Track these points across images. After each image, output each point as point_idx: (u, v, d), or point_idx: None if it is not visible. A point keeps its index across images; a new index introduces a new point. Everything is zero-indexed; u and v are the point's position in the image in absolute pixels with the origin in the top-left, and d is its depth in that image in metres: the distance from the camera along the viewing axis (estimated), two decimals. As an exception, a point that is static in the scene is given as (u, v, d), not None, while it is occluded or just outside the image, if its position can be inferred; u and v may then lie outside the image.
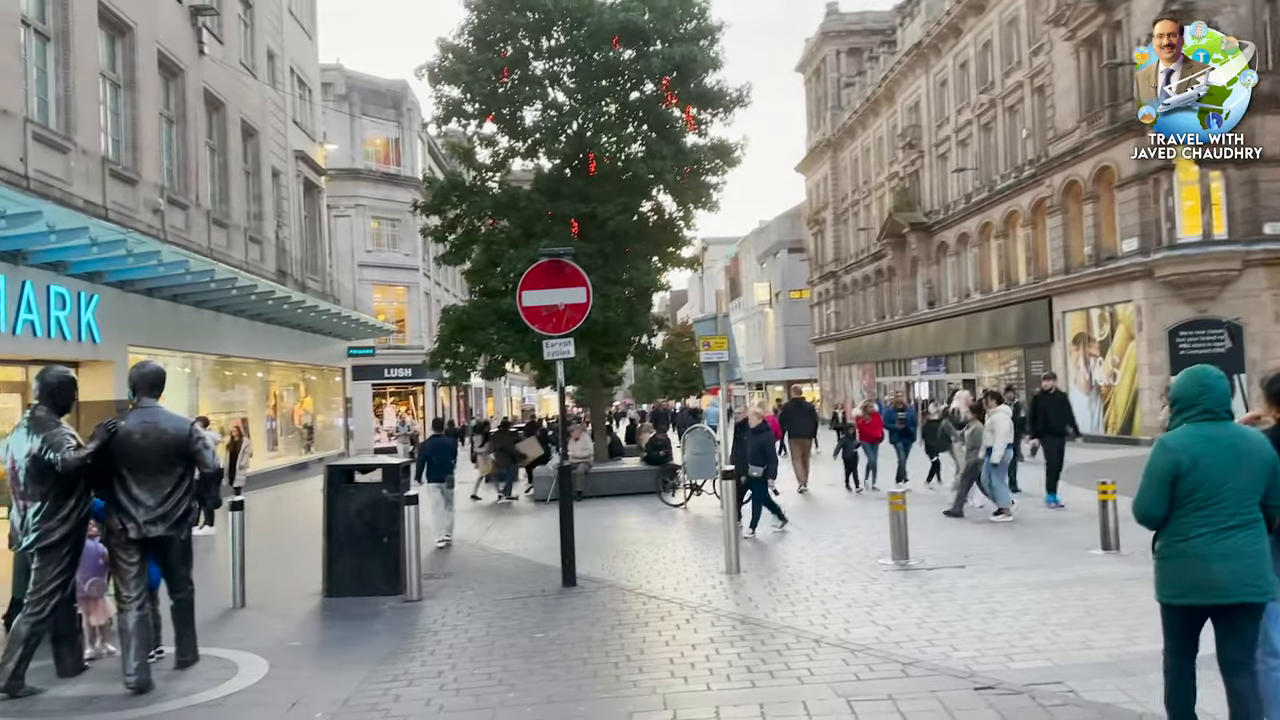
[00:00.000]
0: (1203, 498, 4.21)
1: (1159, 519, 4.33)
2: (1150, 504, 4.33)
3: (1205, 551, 4.19)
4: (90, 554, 7.12)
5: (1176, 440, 4.33)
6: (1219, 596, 4.20)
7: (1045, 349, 30.08)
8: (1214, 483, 4.20)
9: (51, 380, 6.77)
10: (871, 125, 46.90)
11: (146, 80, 18.43)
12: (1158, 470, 4.31)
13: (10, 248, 12.60)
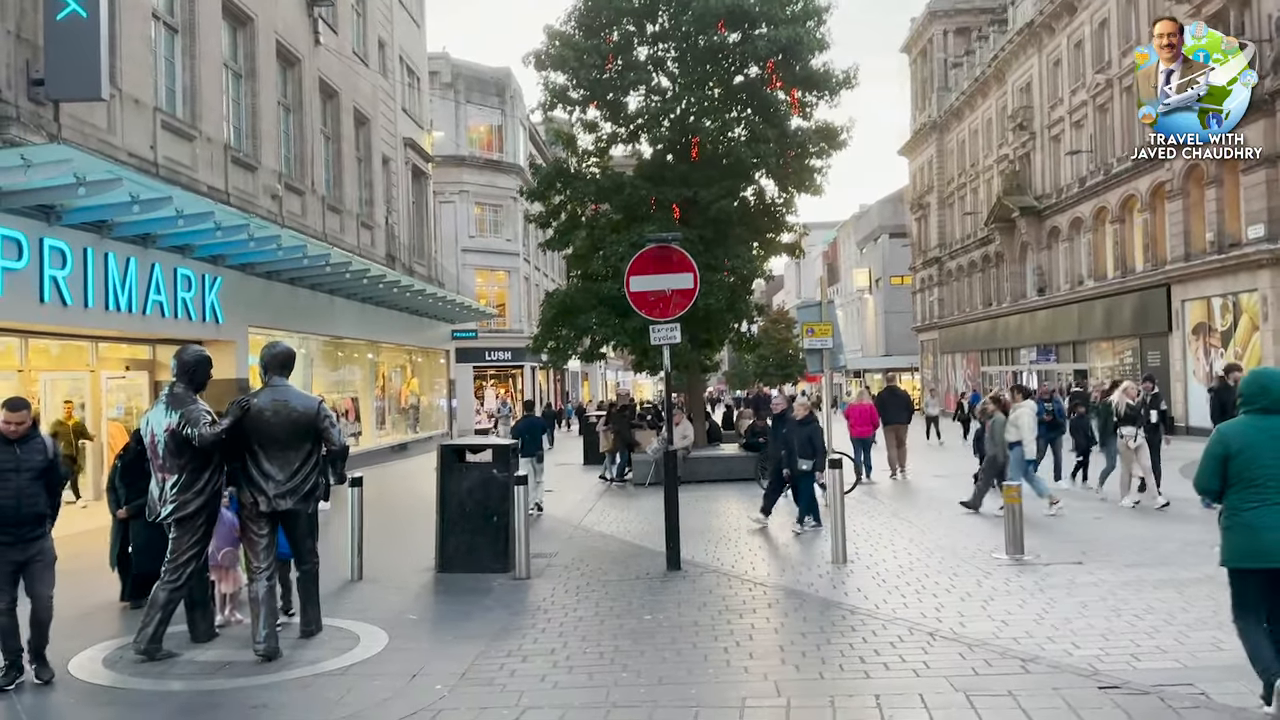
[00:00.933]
0: (1250, 477, 4.99)
1: (1214, 492, 5.20)
2: (1205, 480, 5.21)
3: (1255, 523, 4.96)
4: (224, 525, 7.45)
5: (1230, 429, 5.16)
6: (1268, 562, 4.92)
7: (1162, 339, 28.86)
8: (1261, 464, 4.97)
9: (189, 359, 7.10)
10: (980, 106, 45.56)
11: (265, 70, 19.09)
12: (1211, 452, 5.15)
13: (141, 231, 13.23)
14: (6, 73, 11.46)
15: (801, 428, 11.94)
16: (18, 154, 9.72)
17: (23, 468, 6.15)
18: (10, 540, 6.07)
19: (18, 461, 6.14)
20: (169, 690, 6.17)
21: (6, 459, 6.11)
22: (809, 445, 11.78)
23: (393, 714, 5.56)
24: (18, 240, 11.12)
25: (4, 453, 6.12)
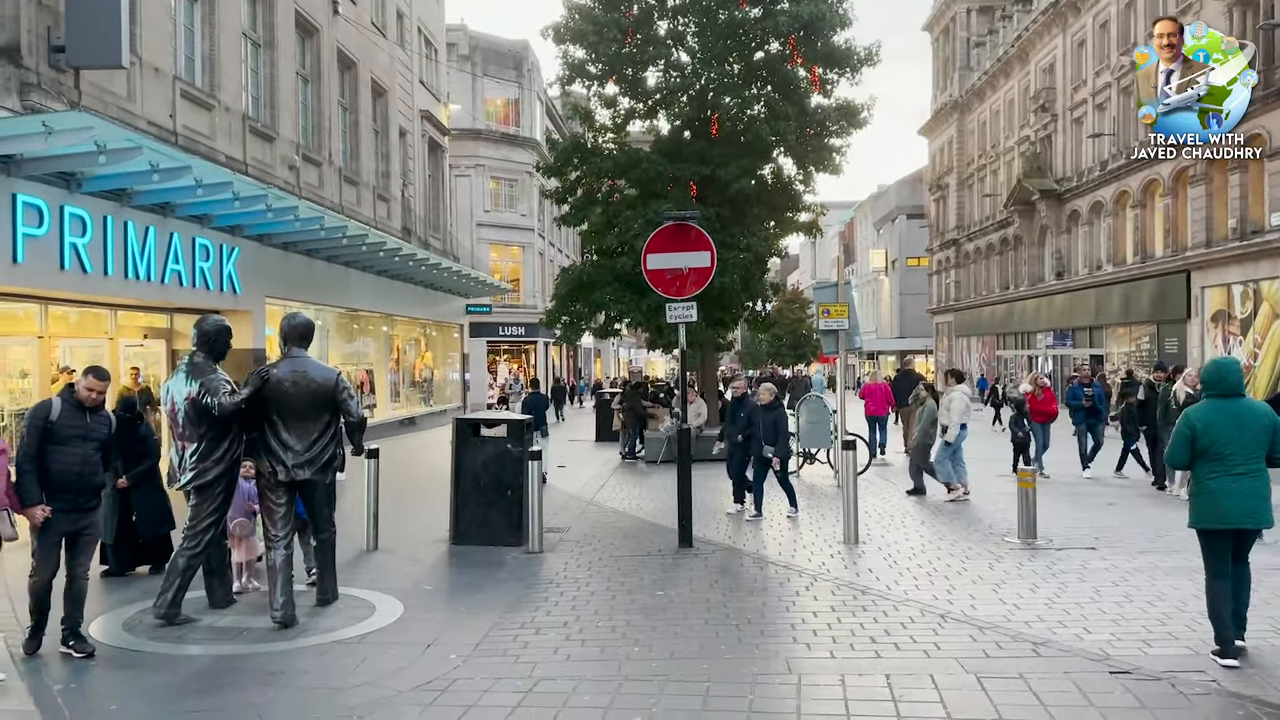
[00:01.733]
0: (1214, 452, 5.86)
1: (1183, 464, 6.08)
2: (1175, 455, 6.11)
3: (1217, 490, 5.85)
4: (239, 495, 7.53)
5: (1195, 412, 6.04)
6: (1226, 523, 5.86)
7: (1181, 326, 28.66)
8: (1222, 441, 5.84)
9: (209, 329, 7.15)
10: (1002, 87, 45.10)
11: (284, 39, 19.06)
12: (1180, 432, 6.04)
13: (160, 200, 13.28)
14: (28, 39, 11.49)
15: (767, 413, 11.35)
16: (39, 121, 9.75)
17: (90, 436, 6.15)
18: (67, 508, 6.03)
19: (86, 429, 6.13)
20: (187, 654, 6.25)
21: (77, 426, 6.10)
22: (773, 431, 11.23)
23: (408, 682, 5.63)
24: (39, 207, 11.18)
25: (76, 419, 6.11)
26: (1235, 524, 5.84)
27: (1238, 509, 5.82)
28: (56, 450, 6.00)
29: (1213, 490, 5.86)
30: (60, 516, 6.02)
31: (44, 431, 5.99)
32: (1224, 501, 5.83)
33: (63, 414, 6.07)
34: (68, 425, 6.06)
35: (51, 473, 5.97)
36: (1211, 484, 5.88)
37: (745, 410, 11.60)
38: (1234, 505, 5.81)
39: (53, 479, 5.97)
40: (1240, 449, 5.83)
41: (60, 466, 6.01)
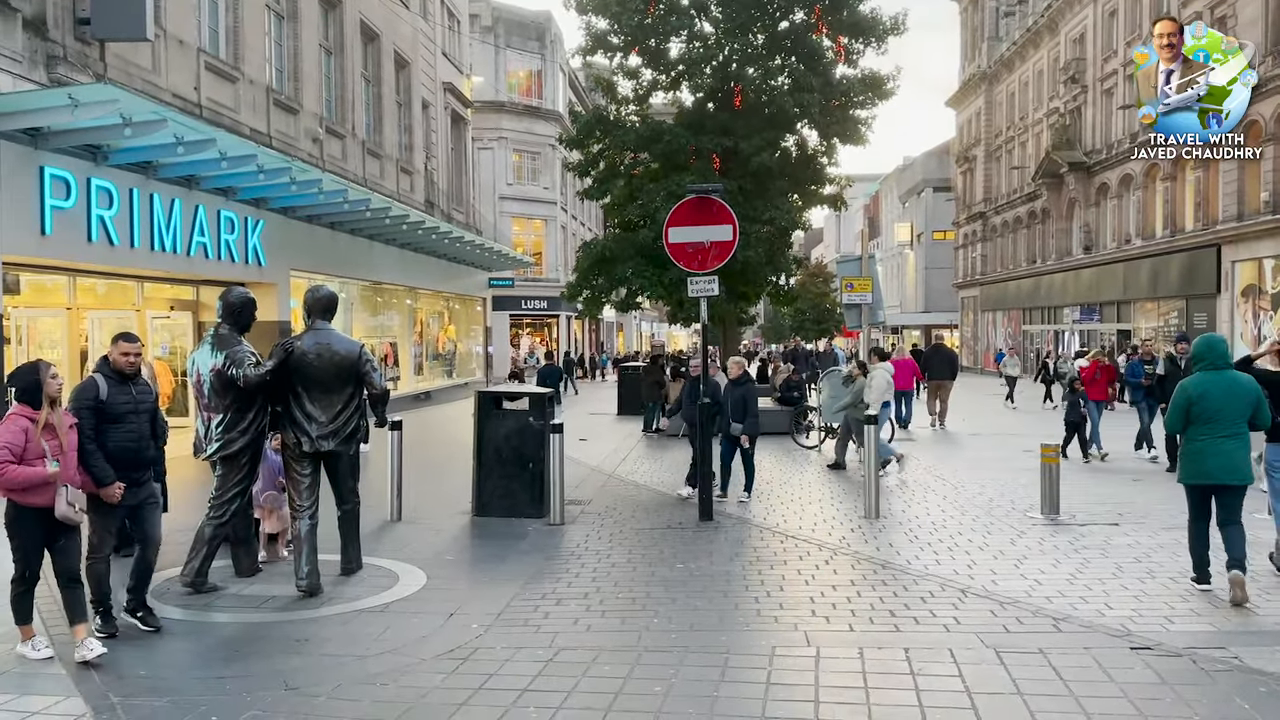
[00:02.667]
0: (1205, 418, 6.65)
1: (1179, 429, 6.87)
2: (1173, 422, 6.89)
3: (1204, 450, 6.66)
4: (270, 468, 7.63)
5: (1191, 383, 6.85)
6: (1212, 479, 6.67)
7: (1210, 301, 28.27)
8: (1213, 409, 6.63)
9: (234, 300, 7.20)
10: (1031, 58, 44.40)
11: (307, 11, 19.05)
12: (1178, 400, 6.84)
13: (185, 173, 13.37)
14: (54, 11, 11.55)
15: (735, 389, 10.78)
16: (65, 93, 9.82)
17: (140, 408, 6.03)
18: (127, 484, 5.90)
19: (135, 402, 6.00)
20: (213, 622, 6.36)
21: (125, 399, 5.95)
22: (741, 408, 10.65)
23: (431, 651, 5.70)
24: (66, 179, 11.28)
25: (122, 392, 5.95)
26: (1218, 480, 6.67)
27: (1220, 467, 6.63)
28: (112, 428, 5.86)
29: (1200, 450, 6.69)
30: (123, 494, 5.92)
31: (96, 411, 5.82)
32: (1210, 461, 6.65)
33: (110, 390, 5.91)
34: (117, 400, 5.91)
35: (110, 450, 5.82)
36: (1200, 444, 6.70)
37: (709, 389, 10.58)
38: (1217, 464, 6.63)
39: (111, 457, 5.82)
40: (1228, 415, 6.64)
41: (118, 444, 5.87)
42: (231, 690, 5.11)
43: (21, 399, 5.51)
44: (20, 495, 5.42)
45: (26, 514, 5.48)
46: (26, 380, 5.53)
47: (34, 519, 5.48)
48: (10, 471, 5.34)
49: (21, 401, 5.51)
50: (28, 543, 5.54)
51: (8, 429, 5.41)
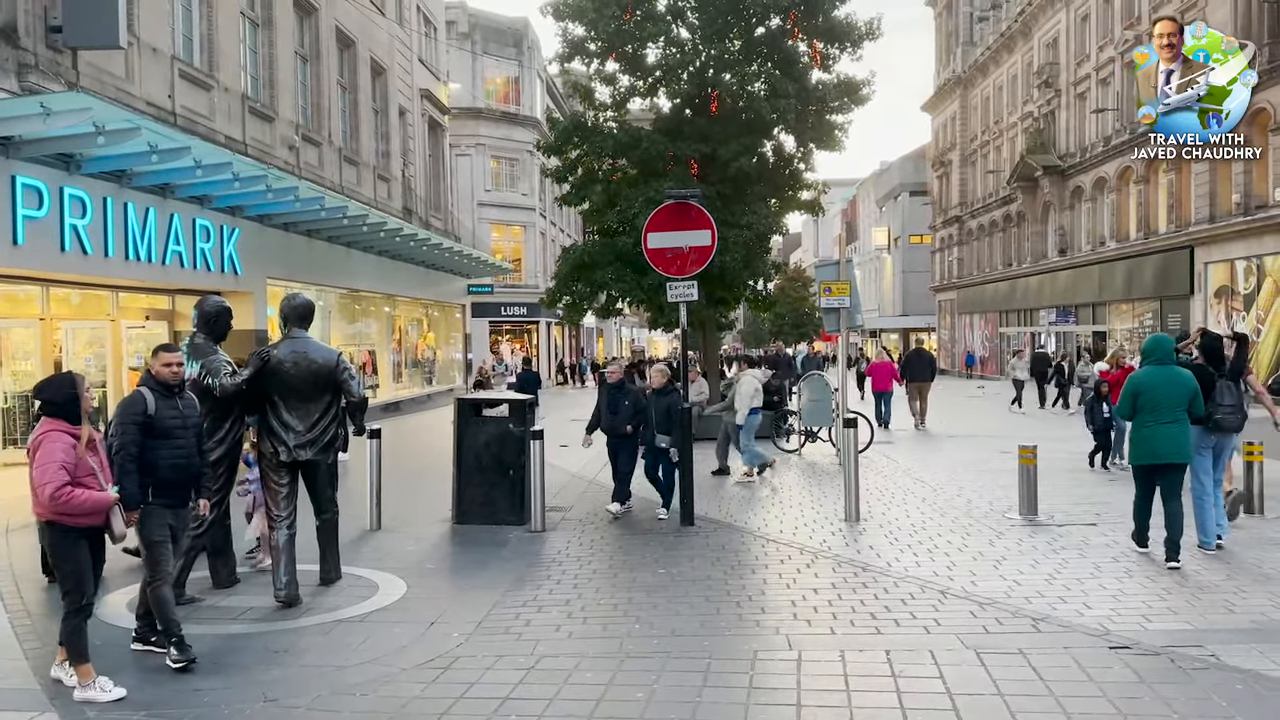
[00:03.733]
0: (1150, 406, 7.69)
1: (1127, 415, 7.94)
2: (1123, 410, 7.98)
3: (1151, 435, 7.71)
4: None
5: (1138, 375, 7.97)
6: (1157, 459, 7.74)
7: (1184, 301, 28.62)
8: (1157, 398, 7.67)
9: (209, 309, 7.15)
10: (1005, 62, 44.82)
11: (282, 18, 18.96)
12: (1127, 391, 7.89)
13: (160, 181, 13.26)
14: (25, 19, 11.43)
15: (660, 398, 10.08)
16: (37, 102, 9.72)
17: (187, 423, 5.76)
18: (175, 503, 5.68)
19: (183, 416, 5.73)
20: (191, 634, 6.24)
21: (173, 414, 5.66)
22: (666, 418, 10.01)
23: (411, 660, 5.66)
24: (38, 189, 11.16)
25: (169, 407, 5.66)
26: (1163, 459, 7.69)
27: (1165, 448, 7.67)
28: (162, 444, 5.56)
29: (1149, 435, 7.72)
30: (166, 512, 5.64)
31: (143, 427, 5.51)
32: (1156, 443, 7.69)
33: (157, 405, 5.60)
34: (165, 415, 5.61)
35: (161, 469, 5.54)
36: (1147, 430, 7.73)
37: (629, 398, 10.13)
38: (1162, 445, 7.67)
39: (162, 475, 5.55)
40: (1169, 403, 7.64)
41: (171, 461, 5.59)
42: (210, 702, 5.06)
43: (57, 414, 5.13)
44: (69, 517, 5.04)
45: (74, 536, 5.10)
46: (64, 394, 5.15)
47: (83, 541, 5.13)
48: (74, 496, 4.95)
49: (57, 417, 5.12)
50: (81, 568, 5.13)
51: (58, 448, 5.01)
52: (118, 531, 5.17)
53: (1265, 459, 9.90)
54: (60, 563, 5.18)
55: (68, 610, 5.17)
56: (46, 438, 5.06)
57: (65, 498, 4.93)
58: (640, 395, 10.34)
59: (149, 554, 5.63)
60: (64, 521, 5.06)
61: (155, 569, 5.62)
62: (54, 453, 4.99)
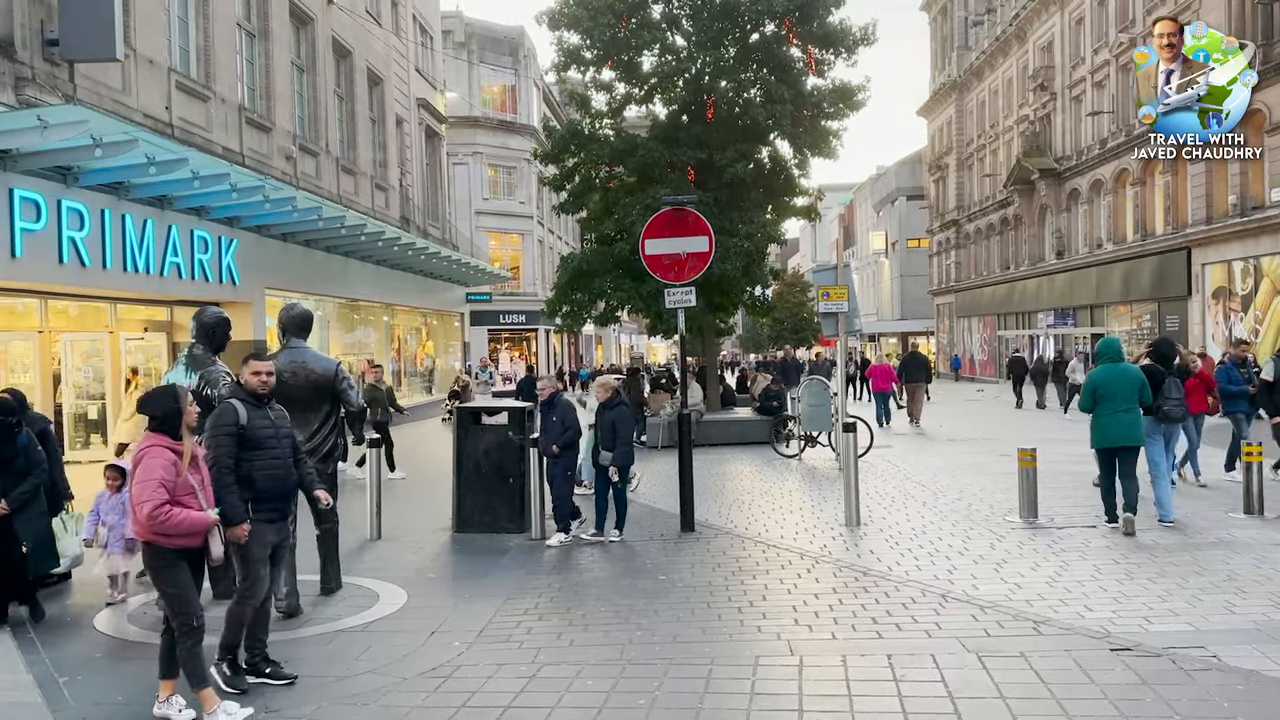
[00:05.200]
0: (1108, 398, 9.07)
1: (1090, 409, 9.23)
2: (1085, 403, 9.34)
3: (1109, 422, 9.08)
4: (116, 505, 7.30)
5: (1096, 373, 9.31)
6: (1114, 443, 9.09)
7: (1182, 303, 28.65)
8: (1112, 391, 9.06)
9: (208, 320, 7.15)
10: (1000, 66, 44.93)
11: (279, 29, 18.99)
12: (1087, 388, 9.31)
13: (158, 193, 13.27)
14: (22, 33, 11.45)
15: (605, 412, 9.48)
16: (34, 115, 9.74)
17: (280, 433, 5.61)
18: (274, 517, 5.53)
19: (275, 426, 5.58)
20: (192, 645, 6.27)
21: (265, 424, 5.51)
22: (611, 435, 9.35)
23: (412, 669, 5.66)
24: (36, 202, 11.17)
25: (261, 417, 5.51)
26: (1119, 443, 9.05)
27: (1119, 434, 9.03)
28: (257, 456, 5.42)
29: (1106, 424, 9.09)
30: (267, 528, 5.48)
31: (237, 439, 5.37)
32: (1112, 430, 9.05)
33: (250, 415, 5.46)
34: (257, 426, 5.46)
35: (258, 481, 5.41)
36: (1106, 419, 9.09)
37: (557, 413, 9.40)
38: (1117, 431, 9.04)
39: (260, 488, 5.41)
40: (1123, 395, 9.02)
41: (267, 473, 5.46)
42: (211, 714, 5.05)
43: (159, 429, 4.93)
44: (166, 538, 4.84)
45: (173, 557, 4.90)
46: (166, 408, 4.96)
47: (183, 562, 4.95)
48: (172, 516, 4.76)
49: (159, 431, 4.93)
50: (184, 589, 4.93)
51: (158, 464, 4.81)
52: (216, 554, 4.98)
53: (1264, 459, 9.92)
54: (162, 585, 4.95)
55: (179, 634, 4.93)
56: (148, 453, 4.87)
57: (164, 517, 4.74)
58: (570, 411, 9.50)
59: (244, 572, 5.42)
60: (161, 542, 4.85)
61: (248, 589, 5.42)
62: (154, 469, 4.79)
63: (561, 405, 9.44)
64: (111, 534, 7.30)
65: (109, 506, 7.42)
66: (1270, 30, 23.72)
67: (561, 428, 9.29)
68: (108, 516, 7.38)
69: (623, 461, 9.33)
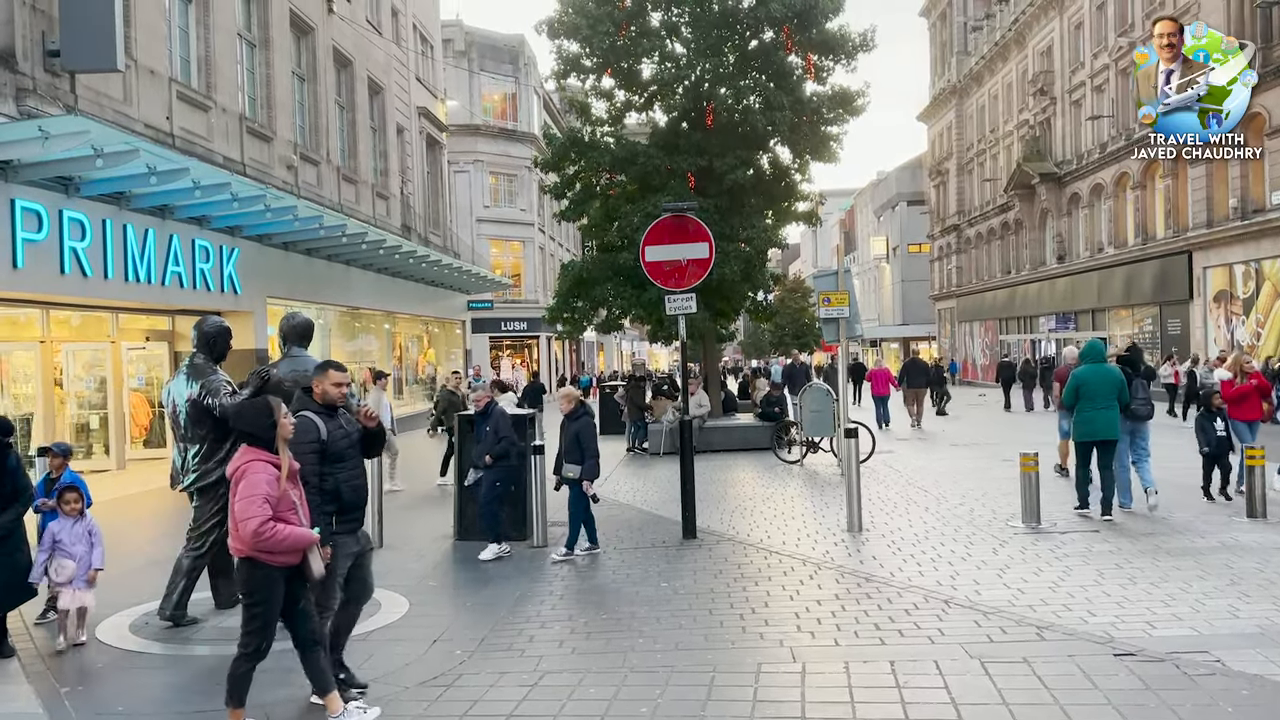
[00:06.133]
0: (1089, 395, 9.82)
1: (1072, 406, 10.01)
2: (1068, 398, 10.11)
3: (1092, 418, 9.81)
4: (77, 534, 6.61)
5: (1081, 371, 10.02)
6: (1097, 436, 9.83)
7: (1183, 307, 28.64)
8: (1094, 389, 9.81)
9: (209, 330, 7.16)
10: (1000, 71, 44.98)
11: (279, 39, 19.04)
12: (1072, 384, 10.03)
13: (159, 202, 13.31)
14: (23, 44, 11.49)
15: (569, 424, 9.14)
16: (35, 125, 9.77)
17: (353, 440, 5.44)
18: (355, 527, 5.39)
19: (349, 436, 5.41)
20: (193, 654, 6.28)
21: (342, 434, 5.32)
22: (576, 446, 9.04)
23: (414, 678, 5.65)
24: (37, 212, 11.20)
25: (336, 427, 5.32)
26: (1101, 436, 9.80)
27: (1103, 428, 9.79)
28: (340, 468, 5.27)
29: (1090, 418, 9.83)
30: (349, 539, 5.37)
31: (321, 454, 5.20)
32: (1096, 424, 9.79)
33: (328, 428, 5.28)
34: (336, 437, 5.30)
35: (344, 494, 5.27)
36: (1088, 414, 9.84)
37: (490, 423, 9.23)
38: (1101, 426, 9.79)
39: (346, 500, 5.28)
40: (1103, 393, 9.79)
41: (351, 484, 5.33)
42: (212, 724, 5.04)
43: (254, 443, 4.77)
44: (268, 554, 4.68)
45: (274, 575, 4.72)
46: (261, 423, 4.78)
47: (282, 581, 4.77)
48: (278, 532, 4.60)
49: (255, 445, 4.76)
50: (272, 611, 4.78)
51: (262, 479, 4.65)
52: (317, 571, 4.81)
53: (1266, 463, 9.90)
54: (254, 603, 4.77)
55: (246, 653, 4.78)
56: (250, 468, 4.70)
57: (269, 534, 4.58)
58: (505, 422, 9.26)
59: (325, 585, 5.20)
60: (263, 559, 4.69)
61: (323, 601, 5.26)
62: (258, 485, 4.64)
63: (496, 415, 9.31)
64: (80, 565, 6.50)
65: (73, 536, 6.56)
66: (1270, 33, 23.74)
67: (495, 438, 9.14)
68: (73, 548, 6.52)
69: (591, 475, 9.01)
